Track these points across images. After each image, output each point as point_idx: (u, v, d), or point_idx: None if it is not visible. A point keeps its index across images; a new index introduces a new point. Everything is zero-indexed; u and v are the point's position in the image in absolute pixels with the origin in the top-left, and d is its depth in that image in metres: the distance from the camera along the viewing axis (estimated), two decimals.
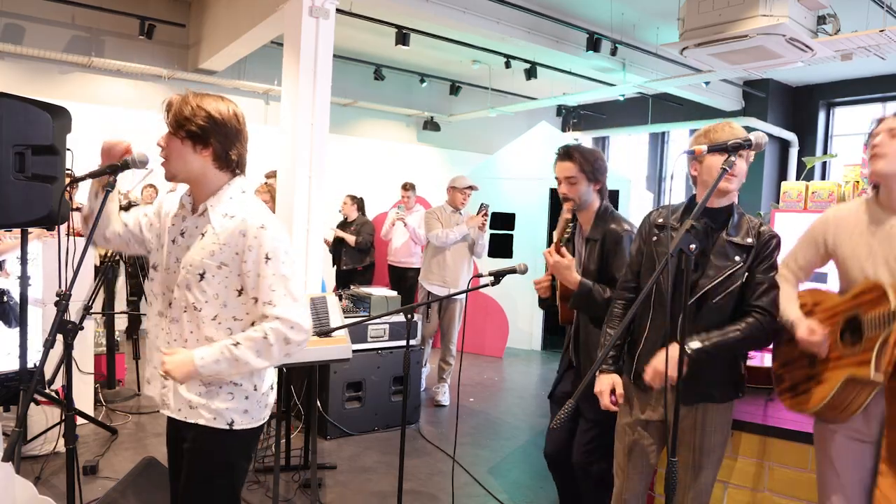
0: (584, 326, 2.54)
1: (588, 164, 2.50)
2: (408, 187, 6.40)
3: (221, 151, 1.76)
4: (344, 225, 6.75)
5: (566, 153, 2.53)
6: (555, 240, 2.48)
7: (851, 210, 2.00)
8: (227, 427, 1.78)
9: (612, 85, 8.54)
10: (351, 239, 6.54)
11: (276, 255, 1.73)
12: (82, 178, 1.83)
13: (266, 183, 5.91)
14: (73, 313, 3.13)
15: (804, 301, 2.07)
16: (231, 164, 1.79)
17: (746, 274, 1.99)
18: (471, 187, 5.22)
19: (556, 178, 2.58)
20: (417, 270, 5.86)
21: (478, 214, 5.07)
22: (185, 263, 1.77)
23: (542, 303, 2.80)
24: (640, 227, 2.27)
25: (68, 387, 2.07)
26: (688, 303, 1.76)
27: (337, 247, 6.75)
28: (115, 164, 1.79)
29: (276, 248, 1.73)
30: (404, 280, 6.30)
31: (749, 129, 2.00)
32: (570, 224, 2.55)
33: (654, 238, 2.16)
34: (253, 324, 1.78)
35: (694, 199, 2.13)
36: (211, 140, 1.74)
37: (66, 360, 1.78)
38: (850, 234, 1.95)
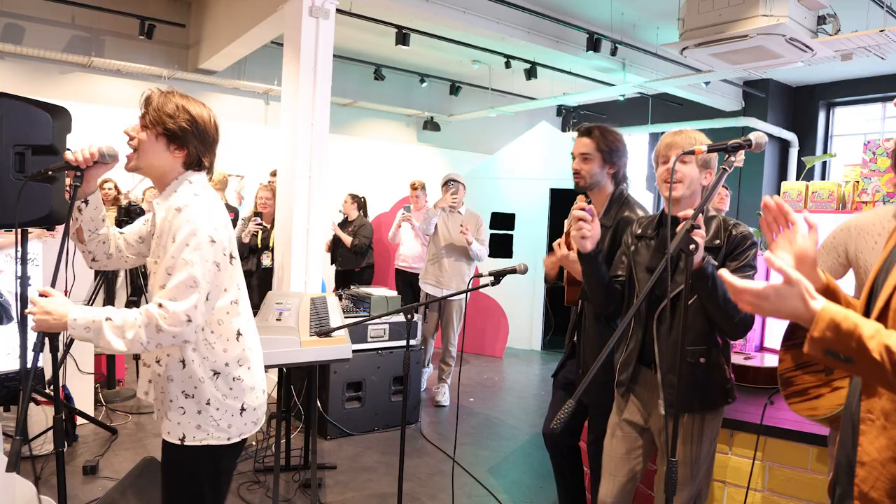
0: (589, 316, 2.53)
1: (605, 143, 2.46)
2: (417, 186, 6.01)
3: (196, 156, 1.74)
4: (344, 224, 6.59)
5: (586, 130, 2.51)
6: (566, 229, 2.42)
7: (876, 218, 1.92)
8: (178, 442, 1.71)
9: (612, 85, 8.54)
10: (347, 240, 6.32)
11: (184, 237, 1.60)
12: (45, 172, 1.83)
13: (270, 182, 5.91)
14: None
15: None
16: (202, 168, 1.77)
17: None
18: (450, 182, 5.16)
19: (572, 154, 2.54)
20: None
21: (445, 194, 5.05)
22: (148, 264, 1.78)
23: (548, 281, 2.81)
24: (623, 238, 2.29)
25: (55, 387, 2.06)
26: (687, 304, 1.76)
27: (334, 246, 6.62)
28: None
29: (185, 229, 1.61)
30: (413, 286, 5.69)
31: (749, 130, 2.00)
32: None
33: (633, 248, 2.16)
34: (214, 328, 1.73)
35: (664, 210, 2.11)
36: (188, 143, 1.71)
37: (54, 360, 1.78)
38: (874, 243, 1.88)
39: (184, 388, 1.71)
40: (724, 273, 1.23)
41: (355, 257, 6.42)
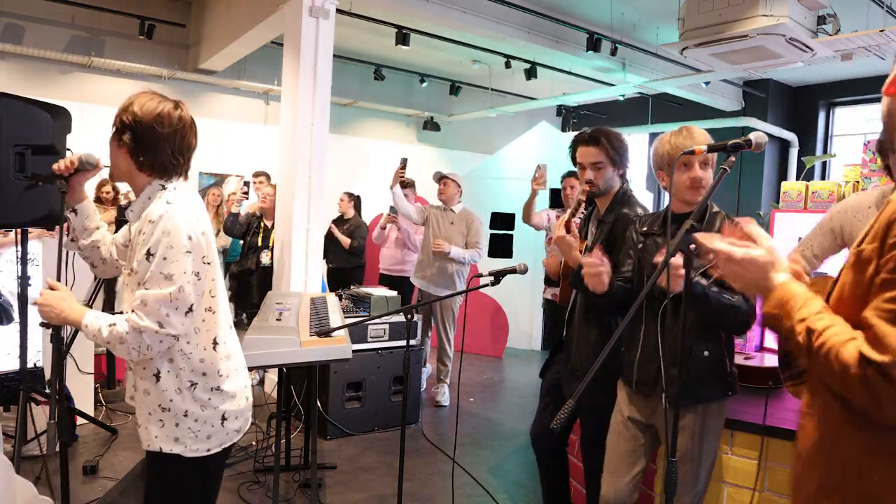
0: (579, 310, 2.54)
1: (614, 149, 2.44)
2: (407, 184, 5.85)
3: (134, 151, 1.68)
4: (339, 222, 6.46)
5: (593, 138, 2.45)
6: (566, 217, 2.43)
7: (871, 199, 1.97)
8: (159, 450, 1.68)
9: (612, 85, 8.54)
10: (346, 241, 6.19)
11: (159, 250, 1.56)
12: (35, 182, 1.86)
13: (256, 181, 5.99)
14: None
15: (817, 290, 2.05)
16: (149, 166, 1.69)
17: None
18: (438, 177, 5.18)
19: (579, 163, 2.49)
20: (408, 280, 5.68)
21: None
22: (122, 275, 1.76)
23: (549, 281, 2.84)
24: (627, 235, 2.29)
25: (60, 382, 2.06)
26: (688, 302, 1.76)
27: (327, 244, 6.32)
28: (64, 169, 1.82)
29: (160, 242, 1.57)
30: (395, 289, 5.38)
31: (749, 130, 2.01)
32: (583, 204, 2.48)
33: (640, 245, 2.17)
34: None
35: (668, 208, 2.11)
36: (124, 137, 1.68)
37: (53, 358, 1.77)
38: (868, 224, 1.92)
39: (160, 402, 1.66)
40: (697, 234, 1.25)
41: (349, 257, 6.31)
